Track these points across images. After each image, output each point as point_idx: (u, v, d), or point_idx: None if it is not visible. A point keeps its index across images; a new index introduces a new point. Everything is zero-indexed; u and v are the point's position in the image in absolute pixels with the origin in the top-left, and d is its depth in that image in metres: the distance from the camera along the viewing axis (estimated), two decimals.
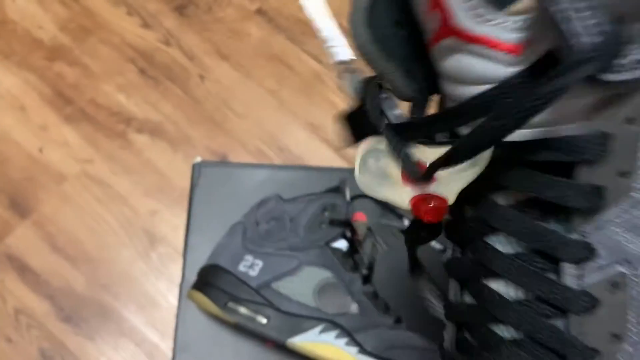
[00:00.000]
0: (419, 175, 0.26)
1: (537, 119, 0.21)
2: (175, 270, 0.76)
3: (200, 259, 0.63)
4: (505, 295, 0.26)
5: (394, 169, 0.27)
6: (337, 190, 0.65)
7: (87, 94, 0.84)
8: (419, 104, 0.29)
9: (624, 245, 0.22)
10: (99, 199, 0.79)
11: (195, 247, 0.65)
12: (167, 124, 0.83)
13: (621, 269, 0.23)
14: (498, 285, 0.27)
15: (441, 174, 0.25)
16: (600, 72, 0.19)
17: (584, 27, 0.18)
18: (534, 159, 0.24)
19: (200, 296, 0.58)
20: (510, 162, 0.25)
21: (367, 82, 0.29)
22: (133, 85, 0.85)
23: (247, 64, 0.88)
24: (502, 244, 0.26)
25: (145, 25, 0.87)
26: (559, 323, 0.25)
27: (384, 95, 0.28)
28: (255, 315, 0.56)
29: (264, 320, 0.55)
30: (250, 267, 0.58)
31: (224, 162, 0.79)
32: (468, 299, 0.29)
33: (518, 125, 0.21)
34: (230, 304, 0.56)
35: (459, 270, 0.29)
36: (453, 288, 0.30)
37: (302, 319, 0.55)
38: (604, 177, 0.23)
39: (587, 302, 0.24)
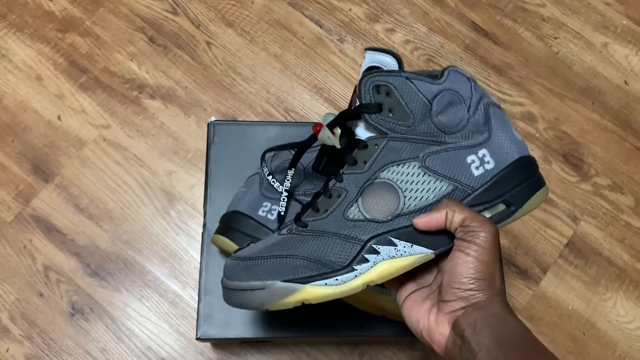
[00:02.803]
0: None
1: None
2: (193, 226, 0.80)
3: (219, 210, 0.68)
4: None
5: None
6: None
7: (100, 62, 0.87)
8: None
9: None
10: (117, 162, 0.83)
11: (215, 199, 0.70)
12: (178, 89, 0.87)
13: None
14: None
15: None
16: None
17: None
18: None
19: (223, 239, 0.62)
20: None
21: None
22: (144, 54, 0.88)
23: (252, 30, 0.91)
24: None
25: None
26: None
27: None
28: None
29: None
30: (269, 211, 0.63)
31: (237, 121, 0.84)
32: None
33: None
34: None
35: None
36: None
37: None
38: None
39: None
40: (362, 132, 0.50)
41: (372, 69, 0.51)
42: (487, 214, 0.48)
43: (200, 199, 0.79)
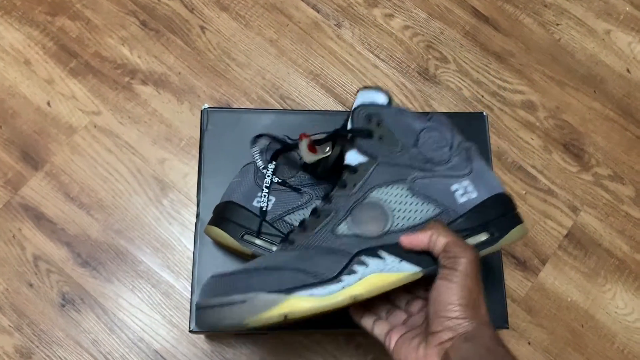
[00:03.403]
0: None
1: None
2: (187, 215, 0.79)
3: (213, 199, 0.66)
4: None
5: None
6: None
7: (90, 47, 0.85)
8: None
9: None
10: (109, 149, 0.81)
11: (208, 189, 0.68)
12: (171, 75, 0.85)
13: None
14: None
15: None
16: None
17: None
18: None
19: (217, 231, 0.61)
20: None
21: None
22: (135, 38, 0.86)
23: (247, 14, 0.89)
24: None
25: None
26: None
27: None
28: (270, 246, 0.59)
29: None
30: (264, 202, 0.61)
31: (230, 108, 0.82)
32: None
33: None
34: (247, 237, 0.60)
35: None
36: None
37: None
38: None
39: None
40: (353, 157, 0.53)
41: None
42: (471, 242, 0.51)
43: (194, 188, 0.77)
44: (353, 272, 0.47)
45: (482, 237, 0.51)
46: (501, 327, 0.68)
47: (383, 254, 0.48)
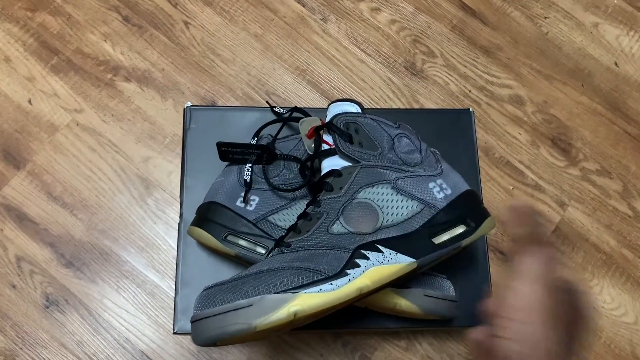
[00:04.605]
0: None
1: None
2: (172, 214, 0.78)
3: (196, 199, 0.66)
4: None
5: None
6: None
7: (72, 43, 0.84)
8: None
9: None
10: (92, 147, 0.80)
11: (191, 188, 0.67)
12: (154, 72, 0.83)
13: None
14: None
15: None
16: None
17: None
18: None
19: (200, 232, 0.60)
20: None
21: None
22: (118, 34, 0.85)
23: (231, 9, 0.88)
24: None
25: None
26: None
27: None
28: (254, 247, 0.59)
29: (262, 251, 0.58)
30: (247, 202, 0.60)
31: (214, 106, 0.81)
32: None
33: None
34: (230, 237, 0.59)
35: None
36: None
37: None
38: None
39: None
40: (336, 162, 0.57)
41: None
42: (447, 236, 0.55)
43: (179, 186, 0.76)
44: (357, 265, 0.49)
45: (460, 229, 0.56)
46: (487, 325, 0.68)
47: (381, 247, 0.51)
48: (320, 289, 0.46)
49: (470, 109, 0.75)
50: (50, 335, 0.73)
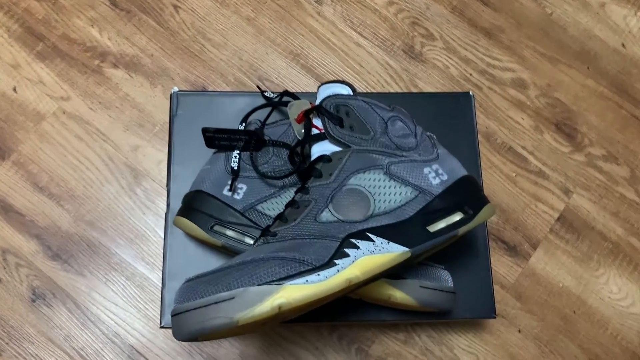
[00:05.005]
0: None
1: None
2: (161, 204, 0.75)
3: (184, 188, 0.63)
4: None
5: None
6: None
7: (58, 29, 0.81)
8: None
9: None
10: (79, 136, 0.77)
11: (179, 177, 0.65)
12: (143, 58, 0.81)
13: None
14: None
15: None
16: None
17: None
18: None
19: (185, 222, 0.58)
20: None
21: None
22: (105, 19, 0.82)
23: None
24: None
25: None
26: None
27: None
28: (242, 237, 0.56)
29: (251, 241, 0.55)
30: (235, 191, 0.58)
31: (202, 91, 0.78)
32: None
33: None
34: (217, 227, 0.56)
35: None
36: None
37: None
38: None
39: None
40: (325, 147, 0.54)
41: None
42: (443, 224, 0.52)
43: None
44: (346, 255, 0.46)
45: (457, 216, 0.53)
46: (488, 317, 0.65)
47: (372, 236, 0.49)
48: (307, 281, 0.43)
49: (470, 92, 0.72)
50: (37, 329, 0.71)
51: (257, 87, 0.70)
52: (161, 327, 0.61)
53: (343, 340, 0.73)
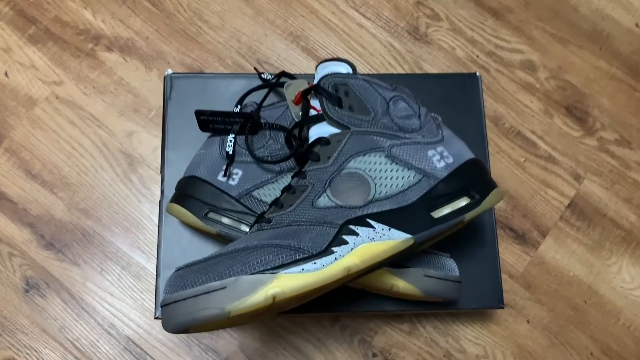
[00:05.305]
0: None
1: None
2: (157, 192, 0.73)
3: (178, 174, 0.61)
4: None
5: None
6: None
7: (50, 11, 0.78)
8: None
9: None
10: (72, 122, 0.75)
11: (173, 163, 0.62)
12: (138, 40, 0.78)
13: None
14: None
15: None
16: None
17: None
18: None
19: (179, 209, 0.55)
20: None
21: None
22: (99, 1, 0.79)
23: None
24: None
25: None
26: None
27: None
28: (238, 224, 0.54)
29: (247, 229, 0.53)
30: (230, 176, 0.55)
31: (197, 73, 0.75)
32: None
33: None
34: (211, 214, 0.54)
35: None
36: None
37: None
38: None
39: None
40: (323, 129, 0.51)
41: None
42: (448, 209, 0.49)
43: None
44: (344, 242, 0.44)
45: (463, 201, 0.50)
46: (495, 307, 0.63)
47: (372, 222, 0.46)
48: (303, 269, 0.41)
49: (477, 73, 0.69)
50: (31, 320, 0.69)
51: (254, 68, 0.67)
52: (156, 318, 0.59)
53: (345, 331, 0.70)
